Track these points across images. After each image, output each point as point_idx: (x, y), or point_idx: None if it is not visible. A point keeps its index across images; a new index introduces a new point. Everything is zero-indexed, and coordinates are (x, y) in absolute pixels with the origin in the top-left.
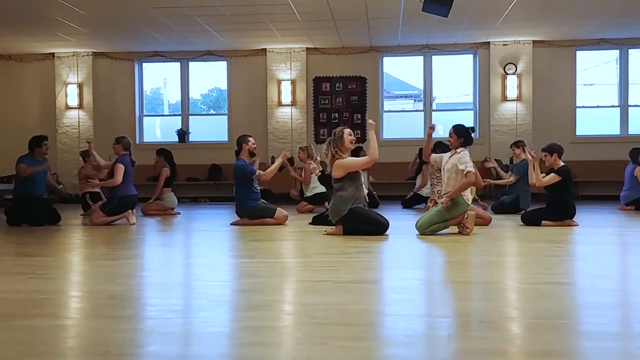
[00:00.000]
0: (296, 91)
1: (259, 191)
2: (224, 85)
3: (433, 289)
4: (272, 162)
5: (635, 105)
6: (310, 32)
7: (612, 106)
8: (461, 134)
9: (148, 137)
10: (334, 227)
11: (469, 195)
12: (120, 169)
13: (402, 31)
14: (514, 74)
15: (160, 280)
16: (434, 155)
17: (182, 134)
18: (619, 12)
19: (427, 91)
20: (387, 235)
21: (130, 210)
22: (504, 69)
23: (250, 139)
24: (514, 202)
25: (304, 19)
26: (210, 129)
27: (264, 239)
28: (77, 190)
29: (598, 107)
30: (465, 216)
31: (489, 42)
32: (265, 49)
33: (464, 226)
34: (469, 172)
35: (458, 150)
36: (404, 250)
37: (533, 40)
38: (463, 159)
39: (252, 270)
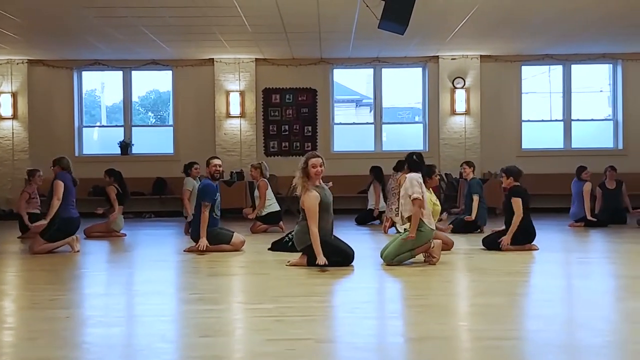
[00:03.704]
0: (245, 102)
1: (219, 217)
2: (162, 88)
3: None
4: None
5: (578, 120)
6: (260, 43)
7: (557, 120)
8: (412, 166)
9: (88, 149)
10: (297, 255)
11: (431, 220)
12: (60, 185)
13: (353, 44)
14: (462, 87)
15: (113, 342)
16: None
17: (125, 146)
18: (563, 31)
19: (377, 103)
20: (352, 266)
21: (74, 237)
22: (453, 83)
23: (213, 161)
24: (472, 221)
25: (254, 30)
26: (155, 141)
27: (222, 273)
28: (11, 206)
29: (543, 121)
30: (432, 245)
31: (437, 56)
32: (213, 59)
33: (431, 255)
34: (415, 198)
35: (407, 175)
36: (370, 289)
37: (481, 55)
38: (412, 184)
39: (215, 325)
